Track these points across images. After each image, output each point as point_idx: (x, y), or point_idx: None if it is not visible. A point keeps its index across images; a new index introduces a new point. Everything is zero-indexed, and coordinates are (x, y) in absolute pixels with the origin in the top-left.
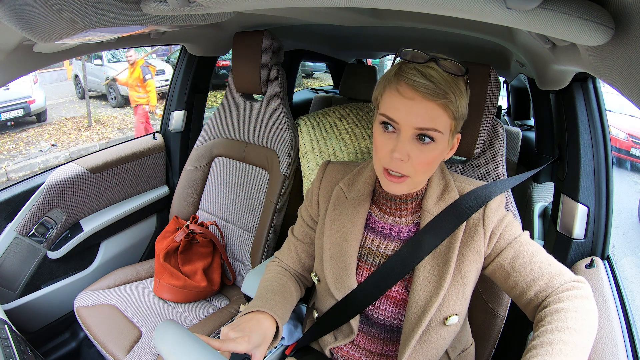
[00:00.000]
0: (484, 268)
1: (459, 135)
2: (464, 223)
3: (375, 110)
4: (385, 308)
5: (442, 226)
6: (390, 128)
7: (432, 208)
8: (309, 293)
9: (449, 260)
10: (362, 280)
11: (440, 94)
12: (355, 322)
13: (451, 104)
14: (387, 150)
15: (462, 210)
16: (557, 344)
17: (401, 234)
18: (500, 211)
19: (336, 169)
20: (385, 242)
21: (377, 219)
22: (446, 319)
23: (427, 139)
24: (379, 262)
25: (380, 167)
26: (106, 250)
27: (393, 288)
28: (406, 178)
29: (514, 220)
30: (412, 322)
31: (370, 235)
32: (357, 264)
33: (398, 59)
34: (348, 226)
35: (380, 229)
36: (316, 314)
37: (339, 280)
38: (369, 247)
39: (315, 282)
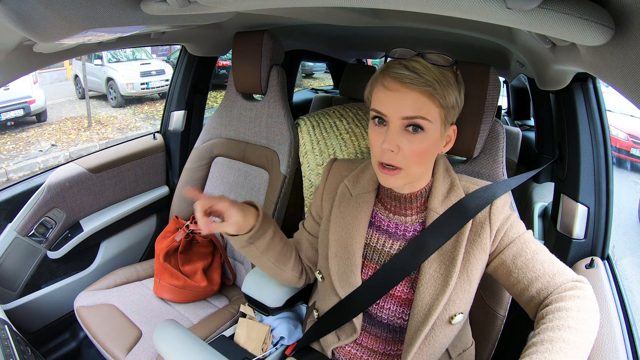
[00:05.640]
0: (486, 265)
1: (455, 127)
2: (470, 221)
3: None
4: (390, 307)
5: (447, 225)
6: (381, 122)
7: (438, 207)
8: (308, 293)
9: (456, 259)
10: (367, 278)
11: (423, 82)
12: (358, 320)
13: (435, 92)
14: (379, 143)
15: (466, 210)
16: (557, 342)
17: (407, 233)
18: (506, 210)
19: (342, 166)
20: (391, 241)
21: (382, 217)
22: (452, 317)
23: (416, 129)
24: (384, 260)
25: (376, 162)
26: (106, 250)
27: (398, 287)
28: (400, 170)
29: (518, 220)
30: (417, 322)
31: (375, 234)
32: (363, 262)
33: (389, 58)
34: (353, 223)
35: (385, 228)
36: (317, 314)
37: (344, 277)
38: (375, 246)
39: (319, 280)
